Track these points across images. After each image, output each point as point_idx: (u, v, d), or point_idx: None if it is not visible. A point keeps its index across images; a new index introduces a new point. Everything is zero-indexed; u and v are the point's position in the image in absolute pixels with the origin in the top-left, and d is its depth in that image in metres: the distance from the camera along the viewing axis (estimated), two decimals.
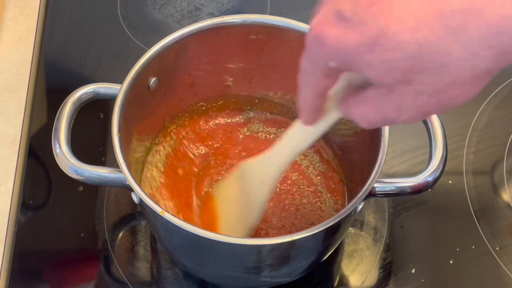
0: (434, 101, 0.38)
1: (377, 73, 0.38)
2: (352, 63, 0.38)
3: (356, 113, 0.42)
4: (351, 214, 0.55)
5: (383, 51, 0.36)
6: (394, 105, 0.39)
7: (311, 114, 0.46)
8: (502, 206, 0.73)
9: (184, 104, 0.69)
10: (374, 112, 0.41)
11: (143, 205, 0.55)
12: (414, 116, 0.40)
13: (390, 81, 0.38)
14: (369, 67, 0.37)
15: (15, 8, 0.86)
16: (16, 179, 0.72)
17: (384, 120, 0.41)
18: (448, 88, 0.37)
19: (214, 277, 0.65)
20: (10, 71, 0.80)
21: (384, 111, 0.40)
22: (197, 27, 0.63)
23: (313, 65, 0.41)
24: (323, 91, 0.43)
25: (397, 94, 0.38)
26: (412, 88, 0.38)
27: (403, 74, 0.37)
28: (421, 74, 0.37)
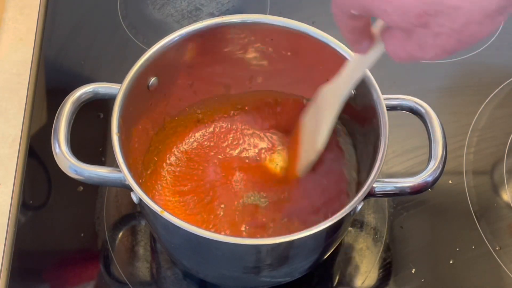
0: (453, 40, 0.41)
1: (394, 19, 0.41)
2: (370, 11, 0.42)
3: (388, 47, 0.46)
4: (350, 214, 0.55)
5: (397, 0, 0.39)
6: (416, 45, 0.42)
7: (355, 45, 0.51)
8: (502, 206, 0.72)
9: (184, 104, 0.69)
10: (401, 49, 0.44)
11: (142, 205, 0.55)
12: (439, 53, 0.43)
13: (408, 26, 0.41)
14: (385, 14, 0.41)
15: (15, 8, 0.86)
16: (16, 179, 0.72)
17: (411, 57, 0.44)
18: (464, 28, 0.40)
19: (214, 277, 0.65)
20: (10, 71, 0.80)
21: (408, 49, 0.43)
22: (197, 27, 0.63)
23: (338, 11, 0.46)
24: (356, 29, 0.48)
25: (416, 36, 0.42)
26: (429, 30, 0.41)
27: (418, 18, 0.40)
28: (435, 17, 0.39)
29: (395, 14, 0.40)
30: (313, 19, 0.78)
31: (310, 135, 0.63)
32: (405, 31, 0.43)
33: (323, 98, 0.61)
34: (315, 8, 0.86)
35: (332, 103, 0.60)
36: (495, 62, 0.83)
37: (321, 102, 0.61)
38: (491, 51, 0.82)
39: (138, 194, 0.54)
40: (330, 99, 0.60)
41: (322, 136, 0.62)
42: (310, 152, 0.64)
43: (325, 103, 0.61)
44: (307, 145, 0.64)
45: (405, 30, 0.42)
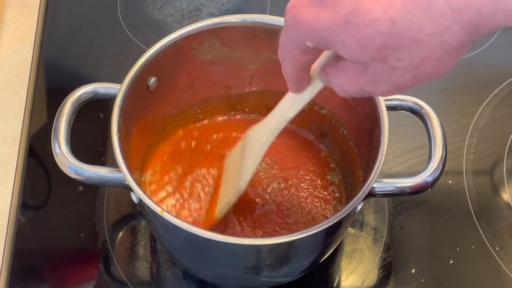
0: (409, 76, 0.39)
1: (352, 51, 0.39)
2: (328, 42, 0.39)
3: (335, 82, 0.43)
4: (350, 214, 0.55)
5: (357, 29, 0.37)
6: (370, 79, 0.40)
7: (294, 83, 0.49)
8: (502, 206, 0.72)
9: (184, 104, 0.69)
10: (351, 84, 0.42)
11: (142, 205, 0.55)
12: (391, 89, 0.41)
13: (365, 59, 0.39)
14: (344, 46, 0.39)
15: (15, 8, 0.86)
16: (16, 179, 0.72)
17: (361, 92, 0.42)
18: (422, 63, 0.38)
19: (213, 277, 0.65)
20: (10, 71, 0.80)
21: (360, 84, 0.41)
22: (197, 27, 0.63)
23: (291, 43, 0.42)
24: (303, 66, 0.45)
25: (372, 70, 0.40)
26: (386, 65, 0.39)
27: (377, 51, 0.38)
28: (394, 50, 0.38)
29: (355, 46, 0.38)
30: None
31: (233, 175, 0.61)
32: (360, 65, 0.40)
33: (251, 138, 0.59)
34: None
35: (258, 145, 0.58)
36: (495, 62, 0.83)
37: (248, 142, 0.59)
38: (491, 51, 0.82)
39: (138, 194, 0.54)
40: (257, 140, 0.58)
41: (245, 178, 0.59)
42: (230, 193, 0.61)
43: (252, 143, 0.58)
44: (228, 186, 0.62)
45: (361, 64, 0.40)
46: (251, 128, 0.59)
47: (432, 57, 0.38)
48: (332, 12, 0.38)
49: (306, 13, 0.39)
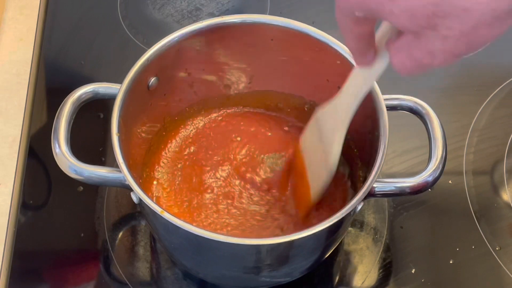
0: (462, 43, 0.40)
1: (401, 21, 0.40)
2: (376, 13, 0.40)
3: (394, 60, 0.44)
4: (350, 214, 0.55)
5: (404, 0, 0.38)
6: (424, 50, 0.41)
7: (359, 56, 0.49)
8: (502, 206, 0.72)
9: (184, 104, 0.69)
10: (409, 59, 0.43)
11: (142, 205, 0.55)
12: (447, 58, 0.41)
13: (415, 28, 0.40)
14: (392, 16, 0.40)
15: (15, 8, 0.85)
16: (16, 179, 0.72)
17: (419, 66, 0.43)
18: (473, 30, 0.39)
19: (214, 277, 0.65)
20: (10, 71, 0.80)
21: (416, 57, 0.42)
22: (197, 27, 0.63)
23: (343, 15, 0.44)
24: (362, 36, 0.46)
25: (425, 40, 0.40)
26: (438, 33, 0.39)
27: (427, 20, 0.39)
28: (444, 19, 0.38)
29: (403, 16, 0.39)
30: (313, 19, 0.78)
31: (318, 158, 0.61)
32: (412, 35, 0.41)
33: (327, 118, 0.59)
34: (315, 8, 0.86)
35: (338, 122, 0.58)
36: (495, 62, 0.83)
37: (324, 122, 0.59)
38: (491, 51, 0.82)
39: (138, 194, 0.54)
40: (334, 118, 0.58)
41: (334, 157, 0.59)
42: (321, 175, 0.61)
43: (331, 122, 0.59)
44: (316, 169, 0.62)
45: (412, 34, 0.41)
46: (320, 109, 0.59)
47: (483, 24, 0.38)
48: None
49: None
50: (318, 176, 0.62)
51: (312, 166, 0.63)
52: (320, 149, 0.61)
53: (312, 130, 0.62)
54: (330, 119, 0.59)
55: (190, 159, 0.68)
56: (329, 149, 0.59)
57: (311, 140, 0.63)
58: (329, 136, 0.59)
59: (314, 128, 0.62)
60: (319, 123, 0.60)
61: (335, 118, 0.58)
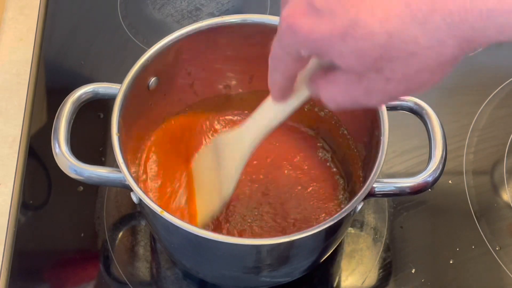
0: (403, 86, 0.40)
1: (348, 62, 0.39)
2: (324, 52, 0.40)
3: (325, 94, 0.43)
4: (350, 214, 0.55)
5: (354, 41, 0.38)
6: (363, 90, 0.41)
7: (281, 92, 0.48)
8: (502, 206, 0.72)
9: (184, 104, 0.69)
10: (343, 95, 0.42)
11: (142, 205, 0.55)
12: (384, 99, 0.42)
13: (361, 69, 0.39)
14: (340, 56, 0.39)
15: (15, 8, 0.85)
16: (16, 179, 0.72)
17: (353, 103, 0.42)
18: (416, 75, 0.39)
19: (213, 277, 0.65)
20: (10, 71, 0.80)
21: (353, 95, 0.42)
22: (197, 27, 0.63)
23: (284, 52, 0.43)
24: (292, 74, 0.45)
25: (366, 81, 0.40)
26: (381, 76, 0.39)
27: (373, 62, 0.38)
28: (390, 62, 0.38)
29: (352, 57, 0.38)
30: None
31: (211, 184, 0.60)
32: (354, 75, 0.40)
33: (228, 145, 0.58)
34: None
35: (239, 153, 0.56)
36: (495, 62, 0.83)
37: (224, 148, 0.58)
38: (491, 51, 0.82)
39: (138, 194, 0.54)
40: (235, 148, 0.57)
41: (230, 187, 0.58)
42: (213, 202, 0.60)
43: (229, 152, 0.57)
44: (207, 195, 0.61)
45: (355, 74, 0.40)
46: (220, 135, 0.58)
47: (426, 69, 0.39)
48: (329, 23, 0.38)
49: (302, 23, 0.39)
50: (208, 202, 0.61)
51: (203, 190, 0.62)
52: (214, 175, 0.60)
53: (207, 153, 0.61)
54: (231, 147, 0.57)
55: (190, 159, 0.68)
56: (225, 178, 0.58)
57: (205, 163, 0.61)
58: (227, 164, 0.58)
59: (210, 152, 0.60)
60: (218, 148, 0.59)
61: (237, 148, 0.57)
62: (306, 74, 0.46)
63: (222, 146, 0.59)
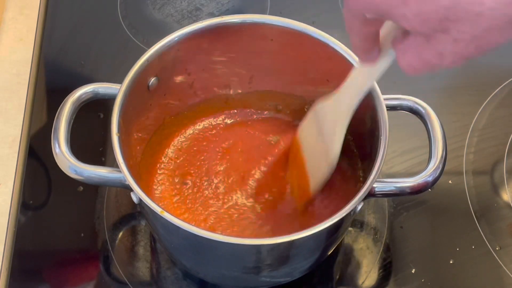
0: (473, 46, 0.40)
1: (414, 24, 0.40)
2: (387, 15, 0.40)
3: (401, 60, 0.44)
4: (350, 214, 0.55)
5: (417, 4, 0.38)
6: (434, 52, 0.41)
7: (365, 54, 0.49)
8: (502, 206, 0.72)
9: (184, 104, 0.69)
10: (417, 59, 0.43)
11: (142, 205, 0.55)
12: (456, 60, 0.42)
13: (427, 31, 0.40)
14: (404, 19, 0.40)
15: (15, 8, 0.86)
16: (16, 179, 0.72)
17: (427, 66, 0.43)
18: (484, 34, 0.39)
19: (214, 277, 0.65)
20: (10, 71, 0.80)
21: (425, 58, 0.42)
22: (197, 27, 0.63)
23: (352, 15, 0.44)
24: (368, 36, 0.46)
25: (435, 42, 0.40)
26: (449, 36, 0.40)
27: (439, 23, 0.39)
28: (456, 23, 0.38)
29: (416, 20, 0.39)
30: (313, 19, 0.78)
31: (317, 150, 0.62)
32: (423, 36, 0.41)
33: (327, 111, 0.59)
34: (315, 8, 0.86)
35: (340, 116, 0.58)
36: (495, 62, 0.83)
37: (324, 115, 0.60)
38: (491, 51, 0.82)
39: (138, 194, 0.54)
40: (336, 112, 0.58)
41: (335, 150, 0.60)
42: (321, 167, 0.62)
43: (331, 116, 0.59)
44: (316, 161, 0.62)
45: (423, 35, 0.41)
46: (320, 103, 0.59)
47: (493, 28, 0.39)
48: None
49: None
50: (317, 168, 0.62)
51: (311, 158, 0.63)
52: (319, 141, 0.61)
53: (310, 122, 0.62)
54: (331, 113, 0.59)
55: (189, 159, 0.68)
56: (329, 142, 0.60)
57: (309, 132, 0.63)
58: (329, 129, 0.60)
59: (312, 120, 0.62)
60: (318, 115, 0.61)
61: (336, 112, 0.58)
62: (389, 35, 0.47)
63: (322, 113, 0.60)
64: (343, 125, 0.59)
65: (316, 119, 0.61)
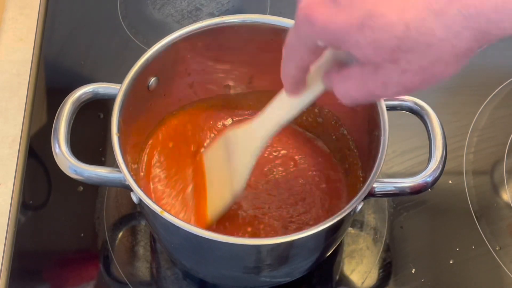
0: (418, 78, 0.40)
1: (365, 53, 0.39)
2: (341, 43, 0.40)
3: (340, 89, 0.44)
4: (350, 214, 0.55)
5: (371, 32, 0.38)
6: (379, 82, 0.41)
7: (294, 85, 0.48)
8: (502, 206, 0.72)
9: (184, 104, 0.69)
10: (359, 89, 0.42)
11: (142, 205, 0.55)
12: (400, 91, 0.42)
13: (378, 60, 0.40)
14: (357, 47, 0.39)
15: (15, 8, 0.86)
16: (16, 179, 0.72)
17: (368, 96, 0.43)
18: (431, 66, 0.39)
19: (214, 277, 0.65)
20: (10, 71, 0.80)
21: (369, 88, 0.42)
22: (197, 27, 0.63)
23: (300, 42, 0.43)
24: (307, 65, 0.45)
25: (383, 72, 0.40)
26: (398, 66, 0.39)
27: (390, 53, 0.39)
28: (407, 53, 0.38)
29: (369, 48, 0.39)
30: None
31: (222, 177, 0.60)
32: (370, 67, 0.41)
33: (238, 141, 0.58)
34: None
35: (251, 148, 0.57)
36: (495, 62, 0.83)
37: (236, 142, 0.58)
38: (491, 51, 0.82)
39: (138, 194, 0.54)
40: (247, 143, 0.57)
41: (241, 181, 0.59)
42: (224, 196, 0.61)
43: (242, 147, 0.58)
44: (218, 188, 0.61)
45: (371, 66, 0.41)
46: (233, 129, 0.58)
47: (441, 61, 0.39)
48: (347, 14, 0.38)
49: (320, 14, 0.39)
50: (219, 196, 0.61)
51: (215, 184, 0.62)
52: (225, 168, 0.60)
53: (218, 149, 0.61)
54: (242, 142, 0.58)
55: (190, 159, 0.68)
56: (236, 171, 0.59)
57: (216, 158, 0.62)
58: (238, 158, 0.58)
59: (221, 147, 0.61)
60: (228, 143, 0.59)
61: (248, 142, 0.57)
62: (320, 68, 0.46)
63: (233, 141, 0.59)
64: (254, 157, 0.57)
65: (225, 145, 0.60)
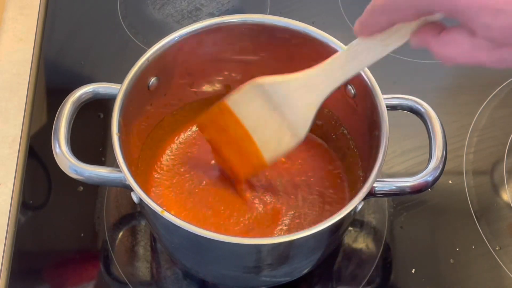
0: None
1: (492, 35, 0.39)
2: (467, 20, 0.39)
3: (442, 52, 0.43)
4: (350, 214, 0.55)
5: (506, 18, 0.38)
6: (496, 57, 0.41)
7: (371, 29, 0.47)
8: (502, 206, 0.72)
9: (184, 104, 0.69)
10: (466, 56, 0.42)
11: (142, 204, 0.55)
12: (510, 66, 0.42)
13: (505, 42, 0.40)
14: (486, 28, 0.39)
15: (15, 8, 0.86)
16: (16, 179, 0.72)
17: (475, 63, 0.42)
18: None
19: (214, 277, 0.65)
20: (10, 71, 0.80)
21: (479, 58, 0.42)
22: (197, 27, 0.63)
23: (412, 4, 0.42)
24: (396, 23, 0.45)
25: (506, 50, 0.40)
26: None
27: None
28: None
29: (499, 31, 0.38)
30: (313, 19, 0.78)
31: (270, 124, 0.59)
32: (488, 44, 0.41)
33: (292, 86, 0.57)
34: (315, 8, 0.86)
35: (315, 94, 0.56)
36: None
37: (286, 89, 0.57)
38: None
39: (138, 194, 0.54)
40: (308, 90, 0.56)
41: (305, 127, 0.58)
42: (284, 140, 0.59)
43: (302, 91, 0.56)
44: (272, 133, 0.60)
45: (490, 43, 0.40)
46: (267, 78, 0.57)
47: None
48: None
49: None
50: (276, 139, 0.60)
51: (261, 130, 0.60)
52: (269, 117, 0.59)
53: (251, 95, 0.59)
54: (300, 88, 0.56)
55: (190, 159, 0.68)
56: (295, 123, 0.58)
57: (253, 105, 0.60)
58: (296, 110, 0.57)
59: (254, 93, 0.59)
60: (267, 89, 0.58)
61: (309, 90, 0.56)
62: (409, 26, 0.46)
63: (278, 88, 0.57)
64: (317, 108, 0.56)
65: (262, 93, 0.58)
